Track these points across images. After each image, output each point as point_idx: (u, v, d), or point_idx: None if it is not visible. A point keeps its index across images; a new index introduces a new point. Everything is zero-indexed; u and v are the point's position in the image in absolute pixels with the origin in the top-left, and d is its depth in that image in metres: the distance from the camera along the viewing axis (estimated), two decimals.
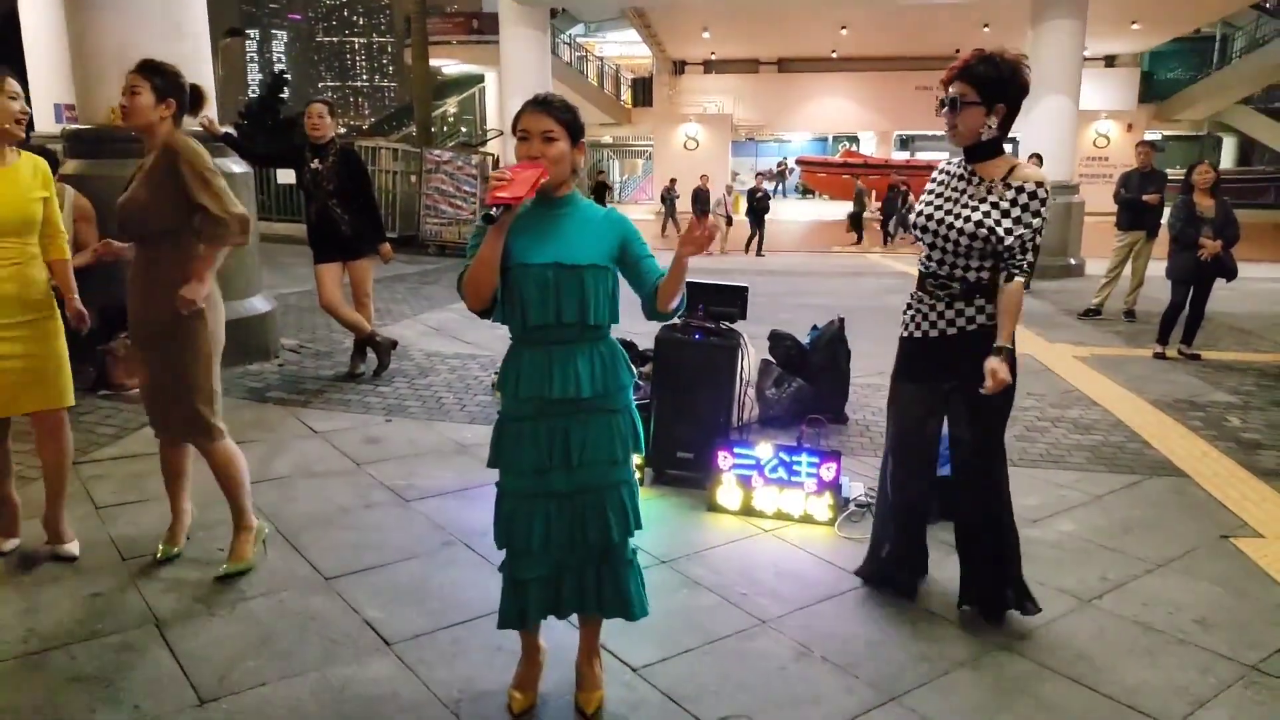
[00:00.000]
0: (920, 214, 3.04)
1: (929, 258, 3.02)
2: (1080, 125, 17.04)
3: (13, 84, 3.18)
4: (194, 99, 3.35)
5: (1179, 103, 31.48)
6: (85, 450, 4.39)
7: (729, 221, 19.08)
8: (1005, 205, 2.86)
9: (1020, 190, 2.85)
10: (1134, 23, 24.69)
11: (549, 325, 2.28)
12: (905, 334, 3.12)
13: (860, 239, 21.19)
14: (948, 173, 3.06)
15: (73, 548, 3.43)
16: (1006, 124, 2.91)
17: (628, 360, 2.44)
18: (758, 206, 18.23)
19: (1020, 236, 2.84)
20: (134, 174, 3.25)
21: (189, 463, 3.47)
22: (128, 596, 3.13)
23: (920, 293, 3.07)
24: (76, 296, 3.41)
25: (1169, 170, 11.57)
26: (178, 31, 5.73)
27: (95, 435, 4.63)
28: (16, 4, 5.99)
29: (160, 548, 3.43)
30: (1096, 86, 27.28)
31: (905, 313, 3.13)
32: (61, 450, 3.40)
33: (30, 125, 3.36)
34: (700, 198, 18.74)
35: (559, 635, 2.80)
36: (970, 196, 2.93)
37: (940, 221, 2.95)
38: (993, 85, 2.84)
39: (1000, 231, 2.84)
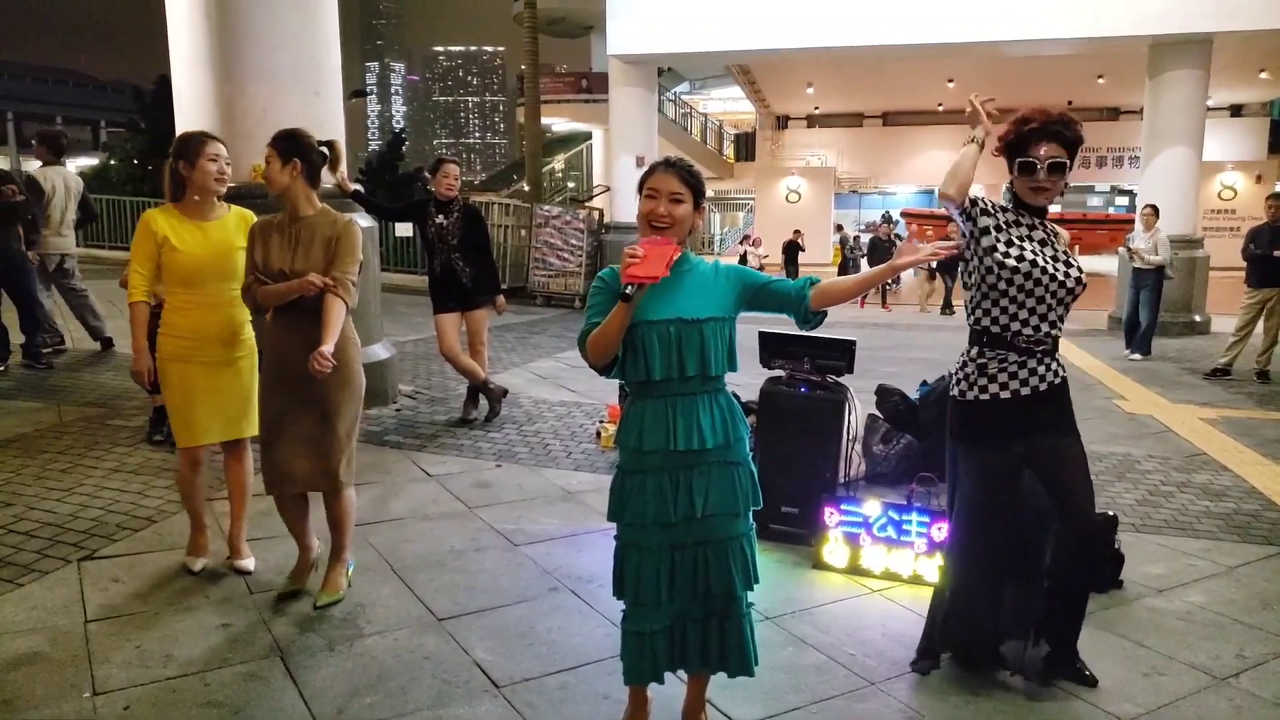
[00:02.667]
0: (1026, 261, 2.84)
1: (1017, 313, 2.87)
2: (1204, 177, 16.35)
3: (215, 147, 3.52)
4: (329, 156, 3.51)
5: None
6: (218, 488, 4.64)
7: (931, 275, 16.82)
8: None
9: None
10: (1262, 71, 23.64)
11: (671, 379, 2.35)
12: (986, 397, 2.92)
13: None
14: (1020, 224, 2.92)
15: (248, 563, 3.73)
16: None
17: (743, 413, 2.48)
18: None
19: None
20: (272, 233, 3.37)
21: (308, 502, 3.63)
22: (255, 629, 3.29)
23: (1000, 350, 2.91)
24: None
25: None
26: (315, 96, 6.14)
27: None
28: (170, 72, 6.48)
29: (286, 582, 3.60)
30: (1222, 137, 26.14)
31: (981, 373, 2.93)
32: (245, 474, 3.75)
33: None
34: (878, 247, 17.43)
35: (664, 684, 2.80)
36: (1060, 250, 2.94)
37: (1052, 273, 2.86)
38: (1076, 146, 2.92)
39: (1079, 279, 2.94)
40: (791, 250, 20.40)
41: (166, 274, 3.49)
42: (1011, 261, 2.85)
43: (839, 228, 28.54)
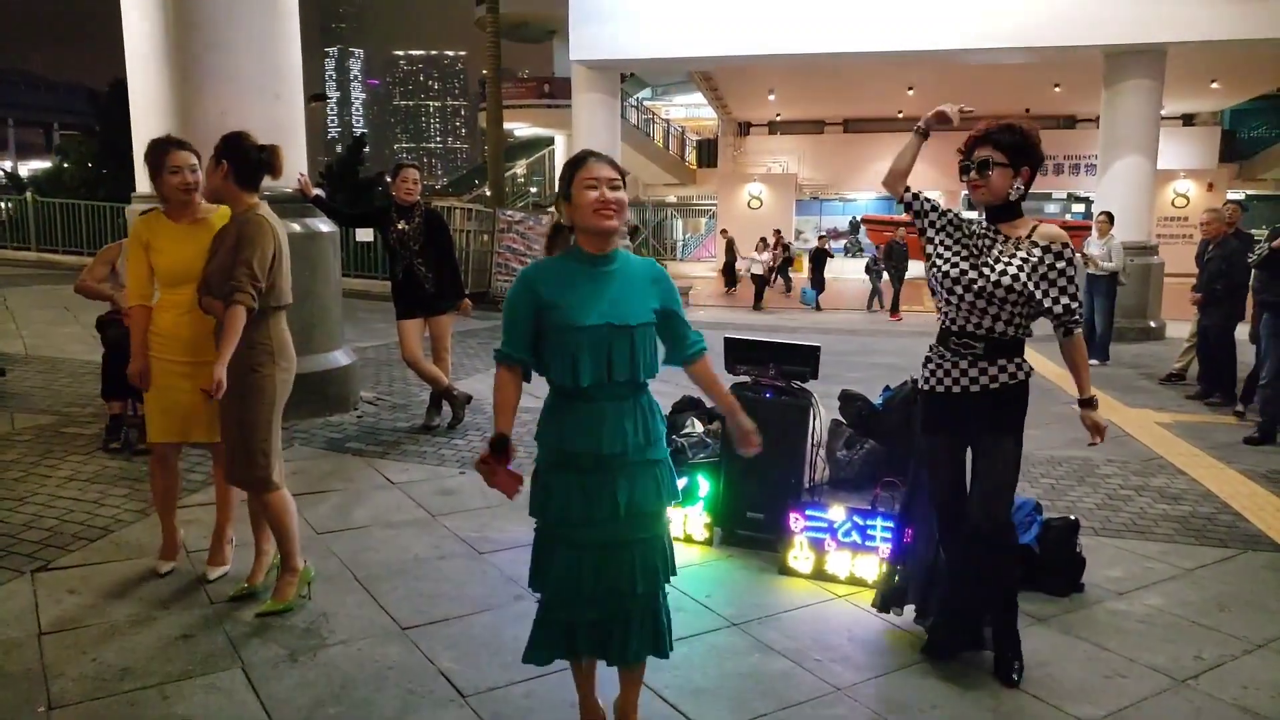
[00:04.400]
0: (942, 271, 3.04)
1: (953, 315, 3.05)
2: (1158, 185, 16.72)
3: (178, 157, 3.47)
4: (269, 160, 3.40)
5: (1263, 161, 30.71)
6: (192, 489, 4.56)
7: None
8: (1035, 262, 2.95)
9: (1048, 250, 2.97)
10: (1213, 81, 24.28)
11: (601, 384, 2.33)
12: (925, 388, 3.15)
13: (734, 289, 21.80)
14: (962, 230, 3.08)
15: (213, 571, 3.70)
16: (1028, 186, 3.04)
17: (661, 411, 2.50)
18: None
19: (1068, 293, 2.97)
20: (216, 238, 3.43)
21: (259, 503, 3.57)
22: (216, 639, 3.22)
23: (941, 348, 3.10)
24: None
25: (1253, 231, 11.27)
26: (275, 99, 6.05)
27: (187, 482, 4.77)
28: (125, 74, 6.36)
29: (241, 585, 3.55)
30: (1174, 145, 26.77)
31: (925, 366, 3.16)
32: (223, 479, 3.69)
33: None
34: (895, 252, 17.08)
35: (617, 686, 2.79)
36: (1000, 254, 2.99)
37: (966, 276, 2.98)
38: (1018, 150, 2.98)
39: (1030, 288, 2.93)
40: (820, 258, 19.28)
41: (156, 275, 3.53)
42: (934, 261, 3.07)
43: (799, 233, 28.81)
